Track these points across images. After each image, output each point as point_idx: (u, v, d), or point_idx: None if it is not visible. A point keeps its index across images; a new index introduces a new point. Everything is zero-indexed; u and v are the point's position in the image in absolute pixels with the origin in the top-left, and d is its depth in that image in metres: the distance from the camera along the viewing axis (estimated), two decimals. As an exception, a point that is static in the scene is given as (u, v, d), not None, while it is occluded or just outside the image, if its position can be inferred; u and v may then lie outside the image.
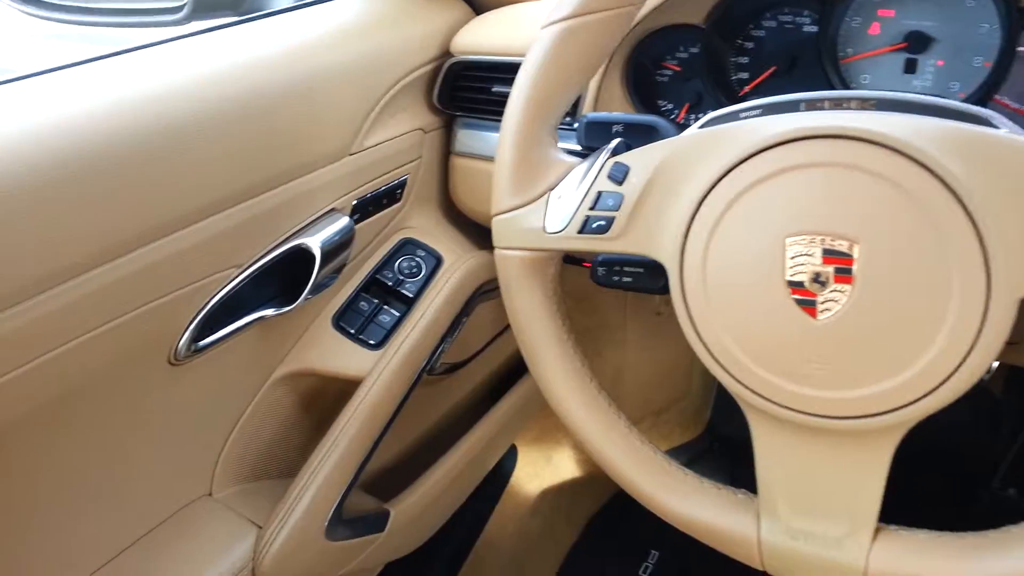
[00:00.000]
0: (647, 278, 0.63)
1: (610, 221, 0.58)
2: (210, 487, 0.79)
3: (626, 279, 0.65)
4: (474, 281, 0.91)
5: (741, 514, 0.58)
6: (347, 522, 0.81)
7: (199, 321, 0.69)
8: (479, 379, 1.13)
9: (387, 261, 0.90)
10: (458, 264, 0.90)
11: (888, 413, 0.49)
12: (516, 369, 1.18)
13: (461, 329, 0.92)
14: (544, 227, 0.61)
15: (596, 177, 0.59)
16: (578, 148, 0.65)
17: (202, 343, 0.70)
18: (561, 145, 0.64)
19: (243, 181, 0.69)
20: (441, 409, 1.08)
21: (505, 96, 0.62)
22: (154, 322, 0.64)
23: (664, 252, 0.56)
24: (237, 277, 0.71)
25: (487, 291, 0.96)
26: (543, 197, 0.62)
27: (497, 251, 0.65)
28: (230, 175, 0.67)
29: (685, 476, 0.62)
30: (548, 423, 1.31)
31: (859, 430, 0.51)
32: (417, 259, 0.91)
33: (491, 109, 0.89)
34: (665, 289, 0.60)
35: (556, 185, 0.62)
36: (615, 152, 0.59)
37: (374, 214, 0.87)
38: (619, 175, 0.58)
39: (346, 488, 0.79)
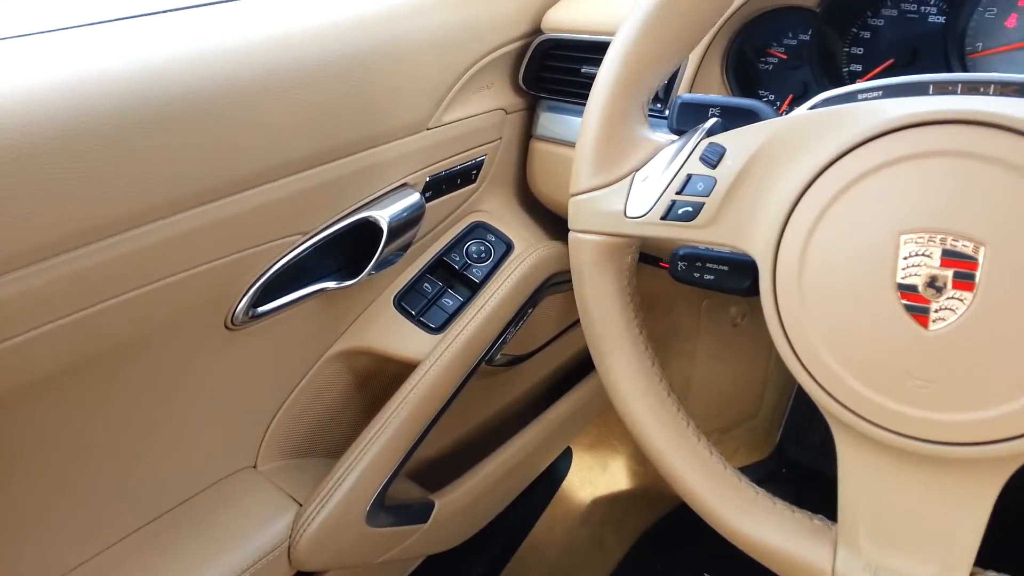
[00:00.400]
0: (732, 276, 0.58)
1: (698, 207, 0.53)
2: (255, 459, 0.77)
3: (708, 276, 0.59)
4: (543, 271, 0.87)
5: (816, 542, 0.52)
6: (390, 509, 0.78)
7: (259, 287, 0.66)
8: (539, 375, 1.09)
9: (456, 243, 0.87)
10: (529, 252, 0.86)
11: (1003, 442, 0.43)
12: (578, 369, 1.13)
13: (526, 321, 0.88)
14: (625, 211, 0.57)
15: (687, 158, 0.55)
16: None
17: (260, 310, 0.68)
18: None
19: (314, 146, 0.66)
20: (497, 402, 1.04)
21: (594, 78, 0.58)
22: (214, 283, 0.62)
23: (756, 245, 0.51)
24: (301, 245, 0.69)
25: (556, 283, 0.92)
26: (627, 178, 0.58)
27: (572, 235, 0.61)
28: (302, 139, 0.65)
29: (756, 495, 0.56)
30: (607, 429, 1.26)
31: (967, 459, 0.45)
32: (487, 244, 0.88)
33: (578, 92, 0.85)
34: (751, 290, 0.55)
35: (642, 166, 0.57)
36: (710, 132, 0.54)
37: (446, 193, 0.84)
38: (713, 157, 0.53)
39: (391, 474, 0.76)
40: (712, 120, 0.56)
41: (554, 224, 0.96)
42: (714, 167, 0.53)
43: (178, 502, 0.71)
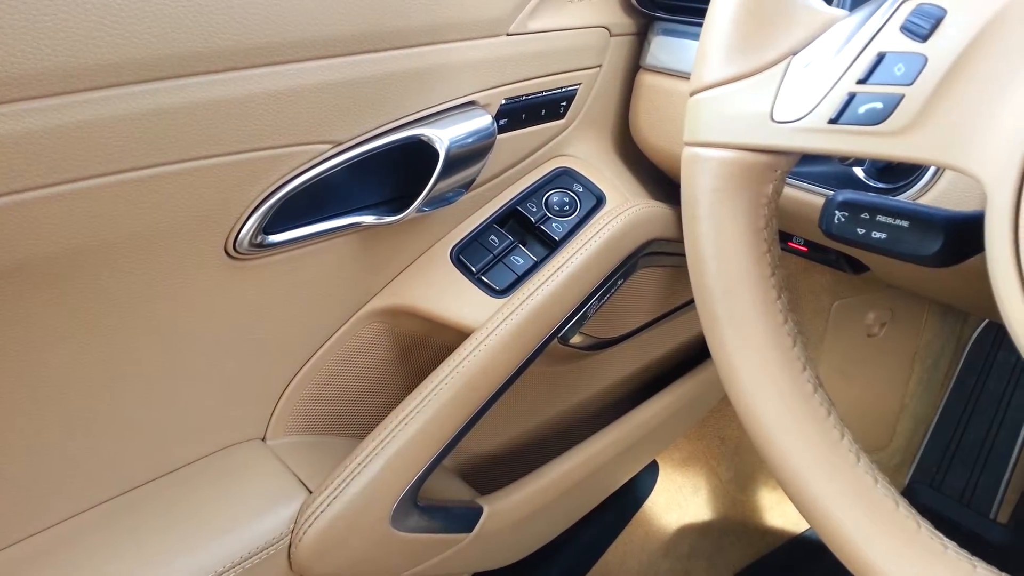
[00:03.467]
0: (914, 235, 0.40)
1: (893, 102, 0.35)
2: (264, 430, 0.62)
3: (878, 234, 0.41)
4: (640, 234, 0.69)
5: None
6: (424, 510, 0.62)
7: (271, 206, 0.51)
8: (626, 370, 0.90)
9: (534, 191, 0.70)
10: (624, 208, 0.68)
11: None
12: (676, 366, 0.94)
13: (613, 294, 0.71)
14: (772, 112, 0.39)
15: (880, 29, 0.36)
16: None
17: (272, 239, 0.53)
18: None
19: (361, 25, 0.50)
20: (570, 395, 0.86)
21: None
22: (207, 189, 0.48)
23: (984, 163, 0.32)
24: (332, 158, 0.53)
25: (655, 253, 0.73)
26: (778, 65, 0.40)
27: (689, 150, 0.43)
28: (345, 10, 0.50)
29: (944, 550, 0.37)
30: (703, 445, 1.06)
31: None
32: (572, 195, 0.71)
33: (703, 9, 0.67)
34: (942, 257, 0.37)
35: (803, 47, 0.40)
36: (920, -14, 0.36)
37: (526, 125, 0.67)
38: (923, 25, 0.35)
39: (428, 465, 0.59)
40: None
41: (657, 180, 0.78)
42: (924, 39, 0.35)
43: (173, 467, 0.57)
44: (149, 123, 0.43)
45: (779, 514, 1.09)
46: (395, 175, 0.60)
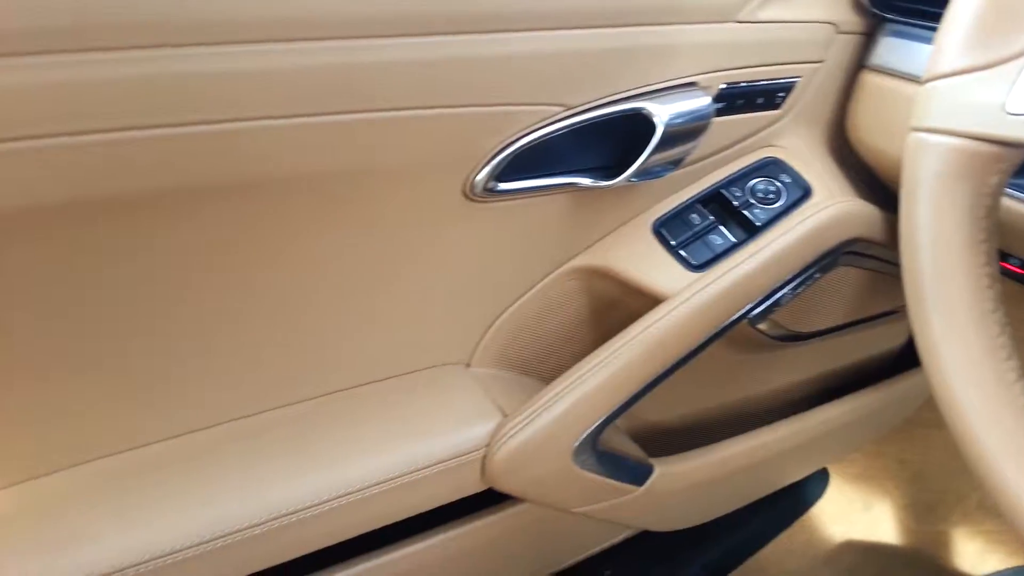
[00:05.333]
0: None
1: None
2: (469, 358, 0.70)
3: None
4: (844, 230, 0.70)
5: None
6: (602, 455, 0.67)
7: (507, 156, 0.58)
8: (810, 371, 0.90)
9: (740, 177, 0.73)
10: (831, 202, 0.69)
11: None
12: (862, 374, 0.92)
13: (808, 286, 0.72)
14: (1005, 104, 0.40)
15: None
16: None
17: (503, 187, 0.60)
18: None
19: (606, 0, 0.56)
20: (752, 385, 0.87)
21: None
22: (456, 136, 0.55)
23: None
24: (562, 120, 0.59)
25: (857, 254, 0.73)
26: (1018, 59, 0.41)
27: (915, 136, 0.45)
28: None
29: None
30: (881, 463, 1.02)
31: None
32: (778, 184, 0.72)
33: (938, 14, 0.66)
34: None
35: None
36: None
37: (741, 112, 0.70)
38: None
39: (610, 413, 0.64)
40: None
41: (866, 182, 0.77)
42: None
43: (382, 376, 0.66)
44: (420, 70, 0.51)
45: (958, 553, 1.03)
46: (612, 143, 0.65)
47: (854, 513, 1.00)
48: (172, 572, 0.54)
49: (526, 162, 0.61)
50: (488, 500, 0.71)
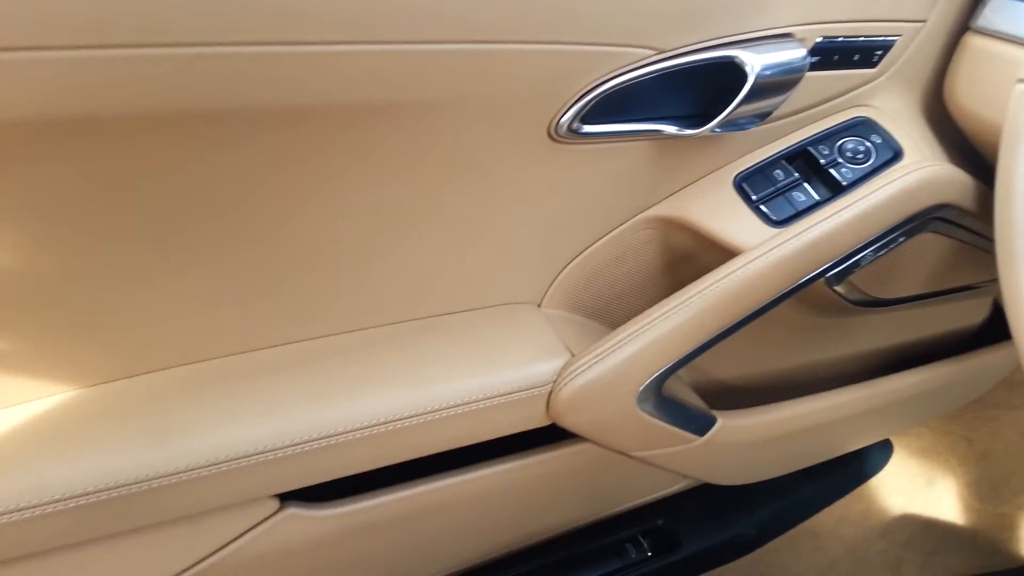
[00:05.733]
0: None
1: None
2: (541, 298, 0.71)
3: None
4: (934, 195, 0.68)
5: None
6: (665, 401, 0.68)
7: (594, 97, 0.58)
8: (885, 340, 0.88)
9: (830, 135, 0.72)
10: (922, 165, 0.67)
11: None
12: (937, 347, 0.90)
13: (892, 249, 0.70)
14: None
15: None
16: None
17: (587, 129, 0.61)
18: None
19: None
20: (823, 349, 0.86)
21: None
22: (542, 73, 0.56)
23: None
24: (652, 64, 0.59)
25: (945, 221, 0.72)
26: None
27: (1021, 87, 0.43)
28: None
29: None
30: (948, 441, 1.01)
31: None
32: (868, 144, 0.71)
33: (1055, -30, 0.63)
34: None
35: None
36: None
37: (836, 68, 0.68)
38: None
39: (677, 360, 0.65)
40: None
41: (962, 149, 0.75)
42: None
43: (458, 309, 0.68)
44: (515, 3, 0.51)
45: (1018, 537, 1.01)
46: (698, 92, 0.64)
47: (915, 487, 0.99)
48: (272, 468, 0.58)
49: (612, 106, 0.61)
50: (551, 438, 0.73)
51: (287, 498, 0.64)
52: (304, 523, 0.64)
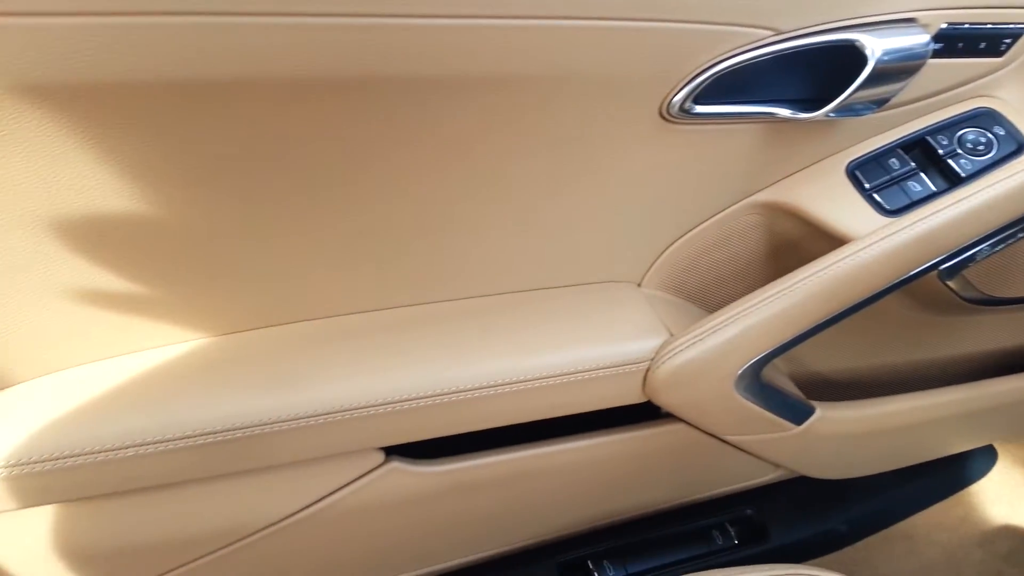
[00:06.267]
0: None
1: None
2: (641, 279, 0.72)
3: None
4: (1060, 192, 0.65)
5: None
6: (763, 387, 0.67)
7: (708, 77, 0.59)
8: (996, 343, 0.85)
9: (949, 125, 0.70)
10: (1047, 159, 0.65)
11: None
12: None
13: (1010, 245, 0.68)
14: None
15: None
16: None
17: (700, 110, 0.61)
18: None
19: None
20: (930, 348, 0.84)
21: None
22: (657, 51, 0.56)
23: None
24: (770, 45, 0.59)
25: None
26: None
27: None
28: None
29: None
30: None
31: None
32: (990, 136, 0.69)
33: None
34: None
35: None
36: None
37: (960, 56, 0.66)
38: None
39: (779, 345, 0.64)
40: None
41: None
42: None
43: (560, 284, 0.70)
44: None
45: None
46: (814, 75, 0.63)
47: (1019, 498, 0.94)
48: (380, 422, 0.61)
49: (725, 86, 0.61)
50: (645, 417, 0.74)
51: (391, 453, 0.67)
52: (405, 477, 0.67)
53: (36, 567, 0.63)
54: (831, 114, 0.63)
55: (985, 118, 0.70)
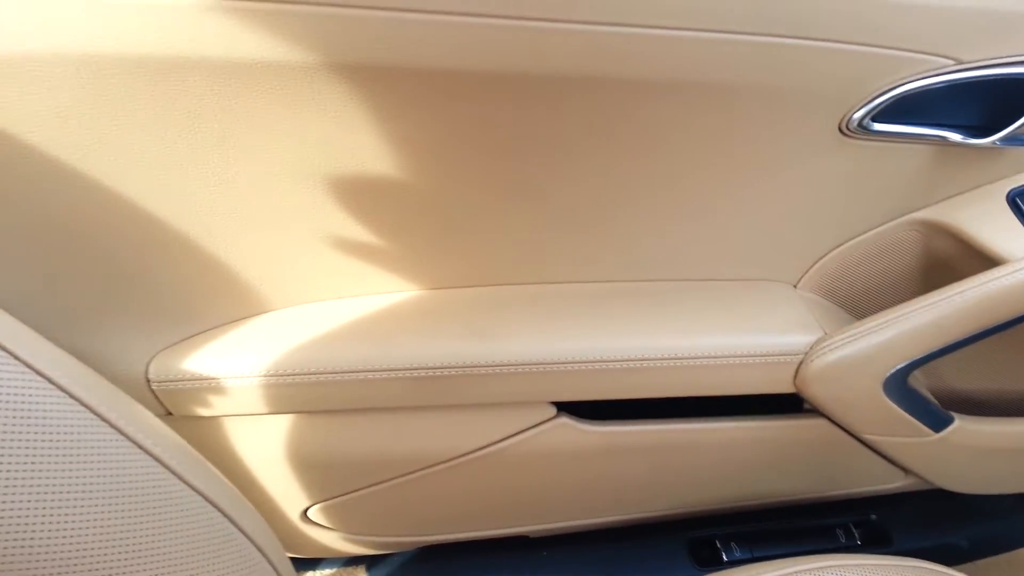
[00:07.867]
0: None
1: None
2: (797, 280, 0.78)
3: None
4: None
5: None
6: (909, 391, 0.72)
7: (888, 99, 0.64)
8: None
9: (1119, 162, 0.72)
10: None
11: None
12: None
13: None
14: None
15: None
16: None
17: (878, 127, 0.66)
18: None
19: None
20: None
21: None
22: (839, 70, 0.62)
23: None
24: (950, 73, 0.64)
25: None
26: None
27: None
28: None
29: None
30: None
31: None
32: None
33: None
34: None
35: None
36: None
37: None
38: None
39: (928, 353, 0.69)
40: None
41: None
42: None
43: (722, 277, 0.76)
44: (829, 3, 0.58)
45: None
46: (987, 103, 0.67)
47: None
48: (557, 379, 0.70)
49: (902, 108, 0.66)
50: (789, 410, 0.79)
51: (562, 409, 0.76)
52: (570, 432, 0.76)
53: (267, 468, 0.75)
54: (999, 142, 0.68)
55: None
